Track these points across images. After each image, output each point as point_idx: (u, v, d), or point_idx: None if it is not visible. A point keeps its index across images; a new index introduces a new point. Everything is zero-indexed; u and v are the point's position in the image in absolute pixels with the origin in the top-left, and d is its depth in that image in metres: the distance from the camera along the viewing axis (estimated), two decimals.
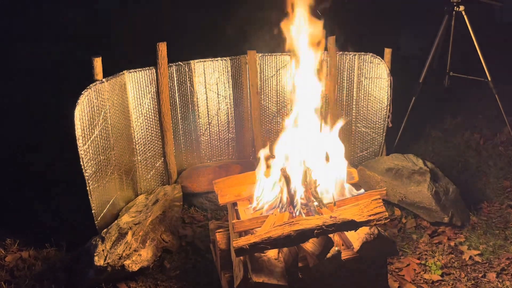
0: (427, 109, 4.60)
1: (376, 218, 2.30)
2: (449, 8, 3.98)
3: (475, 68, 4.02)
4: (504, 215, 3.34)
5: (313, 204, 2.43)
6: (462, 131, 4.51)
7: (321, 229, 2.18)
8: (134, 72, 3.34)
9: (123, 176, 3.30)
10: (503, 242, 3.04)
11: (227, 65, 3.72)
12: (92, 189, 2.93)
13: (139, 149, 3.48)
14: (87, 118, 2.90)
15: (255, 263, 2.26)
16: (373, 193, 2.51)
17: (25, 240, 3.11)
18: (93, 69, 3.01)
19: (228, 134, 3.87)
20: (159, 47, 3.37)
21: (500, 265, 2.85)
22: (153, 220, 3.03)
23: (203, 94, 3.71)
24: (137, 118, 3.42)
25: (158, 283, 2.77)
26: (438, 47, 4.08)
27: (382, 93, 3.66)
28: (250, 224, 2.39)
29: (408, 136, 4.17)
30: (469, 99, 4.94)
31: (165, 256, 2.98)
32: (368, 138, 3.82)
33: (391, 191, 3.37)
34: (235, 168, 3.61)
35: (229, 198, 2.63)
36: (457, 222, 3.19)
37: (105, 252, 2.71)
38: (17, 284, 2.76)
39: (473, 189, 3.66)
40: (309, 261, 2.30)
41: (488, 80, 3.97)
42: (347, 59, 3.72)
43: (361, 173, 3.54)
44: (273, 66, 3.77)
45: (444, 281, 2.75)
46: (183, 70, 3.58)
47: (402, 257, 2.94)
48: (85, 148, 2.87)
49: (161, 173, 3.63)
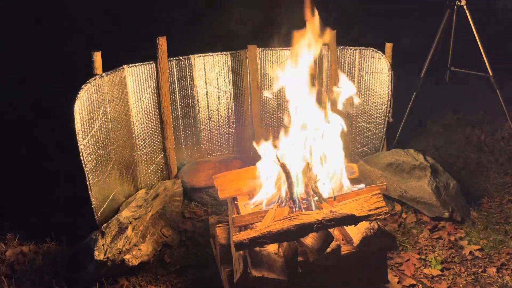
0: (428, 104, 4.59)
1: (376, 213, 2.29)
2: (451, 3, 3.96)
3: (476, 63, 4.00)
4: (504, 210, 3.34)
5: (313, 199, 2.43)
6: (463, 126, 4.50)
7: (321, 224, 2.18)
8: (134, 66, 3.33)
9: (123, 170, 3.30)
10: (504, 237, 3.04)
11: (227, 59, 3.71)
12: (92, 184, 2.93)
13: (139, 144, 3.47)
14: (87, 113, 2.90)
15: (255, 257, 2.26)
16: (373, 188, 2.51)
17: (26, 234, 3.11)
18: (93, 64, 3.00)
19: (228, 129, 3.87)
20: (159, 42, 3.36)
21: (500, 260, 2.85)
22: (153, 215, 3.03)
23: (203, 89, 3.70)
24: (137, 112, 3.41)
25: (158, 278, 2.78)
26: (440, 42, 4.06)
27: (383, 88, 3.65)
28: (250, 218, 2.39)
29: (408, 131, 4.16)
30: (470, 94, 4.92)
31: (165, 251, 2.98)
32: (368, 133, 3.81)
33: (392, 186, 3.36)
34: (235, 163, 3.61)
35: (229, 193, 2.63)
36: (457, 217, 3.19)
37: (105, 247, 2.72)
38: (17, 278, 2.76)
39: (474, 184, 3.65)
40: (309, 256, 2.30)
41: (489, 75, 3.95)
42: (347, 54, 3.70)
43: (362, 168, 3.53)
44: (273, 60, 3.76)
45: (444, 276, 2.75)
46: (183, 64, 3.57)
47: (402, 252, 2.94)
48: (85, 143, 2.87)
49: (161, 167, 3.63)
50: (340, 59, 3.72)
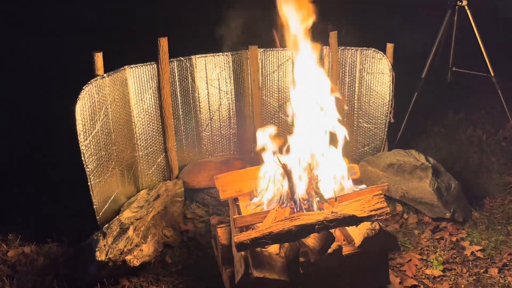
0: (429, 105, 4.59)
1: (377, 214, 2.29)
2: (452, 3, 3.95)
3: (478, 63, 4.00)
4: (506, 210, 3.33)
5: (315, 199, 2.43)
6: (464, 127, 4.49)
7: (322, 224, 2.18)
8: (135, 67, 3.34)
9: (124, 171, 3.30)
10: (505, 238, 3.04)
11: (229, 60, 3.71)
12: (94, 185, 2.93)
13: (140, 145, 3.47)
14: (88, 114, 2.90)
15: (256, 258, 2.26)
16: (375, 188, 2.50)
17: (27, 235, 3.12)
18: (94, 64, 3.00)
19: (229, 129, 3.87)
20: (160, 42, 3.36)
21: (502, 261, 2.84)
22: (154, 216, 3.03)
23: (204, 90, 3.70)
24: (139, 113, 3.42)
25: (159, 278, 2.78)
26: (441, 42, 4.06)
27: (384, 88, 3.64)
28: (251, 219, 2.39)
29: (410, 132, 4.16)
30: (471, 95, 4.91)
31: (166, 251, 2.98)
32: (370, 133, 3.81)
33: (393, 187, 3.36)
34: (236, 163, 3.61)
35: (230, 194, 2.63)
36: (459, 218, 3.18)
37: (107, 247, 2.72)
38: (19, 279, 2.77)
39: (475, 185, 3.65)
40: (310, 257, 2.30)
41: (491, 75, 3.95)
42: (349, 54, 3.70)
43: (363, 168, 3.53)
44: (274, 61, 3.76)
45: (445, 277, 2.74)
46: (184, 65, 3.57)
47: (404, 253, 2.93)
48: (86, 143, 2.87)
49: (163, 168, 3.63)
50: (341, 60, 3.72)
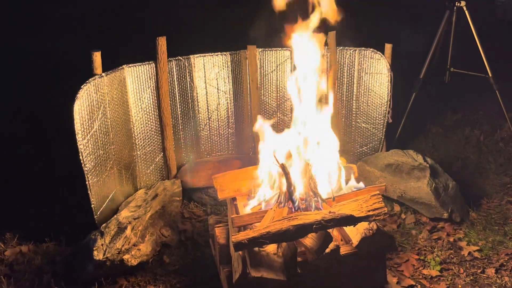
0: (427, 105, 4.60)
1: (375, 214, 2.30)
2: (450, 3, 3.96)
3: (476, 64, 4.00)
4: (503, 211, 3.34)
5: (312, 199, 2.43)
6: (462, 127, 4.50)
7: (320, 224, 2.18)
8: (134, 66, 3.33)
9: (122, 170, 3.30)
10: (502, 238, 3.04)
11: (227, 60, 3.71)
12: (92, 184, 2.93)
13: (138, 144, 3.47)
14: (86, 113, 2.89)
15: (254, 258, 2.26)
16: (372, 188, 2.51)
17: (25, 234, 3.11)
18: (93, 64, 3.00)
19: (227, 129, 3.87)
20: (159, 42, 3.36)
21: (499, 261, 2.85)
22: (152, 215, 3.03)
23: (202, 89, 3.70)
24: (137, 112, 3.41)
25: (157, 278, 2.78)
26: (439, 43, 4.07)
27: (382, 89, 3.65)
28: (249, 219, 2.39)
29: (408, 132, 4.17)
30: (469, 95, 4.93)
31: (164, 251, 2.98)
32: (368, 133, 3.81)
33: (391, 187, 3.37)
34: (234, 163, 3.61)
35: (228, 193, 2.63)
36: (457, 218, 3.19)
37: (104, 247, 2.72)
38: (16, 278, 2.76)
39: (473, 185, 3.65)
40: (308, 256, 2.31)
41: (488, 76, 3.96)
42: (347, 54, 3.71)
43: (361, 168, 3.53)
44: (273, 61, 3.76)
45: (443, 277, 2.75)
46: (182, 65, 3.57)
47: (401, 253, 2.94)
48: (84, 143, 2.87)
49: (161, 168, 3.63)
50: (340, 60, 3.73)
